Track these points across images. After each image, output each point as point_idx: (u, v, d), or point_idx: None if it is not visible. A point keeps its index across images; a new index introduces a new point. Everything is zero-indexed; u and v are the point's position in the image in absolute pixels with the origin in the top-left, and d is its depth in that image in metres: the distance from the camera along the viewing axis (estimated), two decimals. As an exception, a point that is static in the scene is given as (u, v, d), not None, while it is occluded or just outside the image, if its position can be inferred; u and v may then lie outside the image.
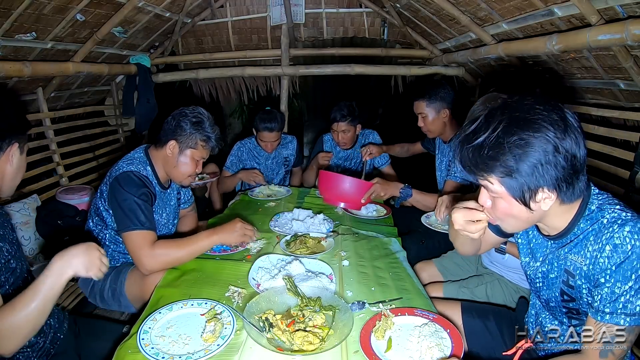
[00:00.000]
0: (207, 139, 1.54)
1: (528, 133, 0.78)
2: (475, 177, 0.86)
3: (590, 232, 0.87)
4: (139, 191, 1.43)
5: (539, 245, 1.01)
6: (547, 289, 1.00)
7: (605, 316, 0.84)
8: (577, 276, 0.90)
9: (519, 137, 0.79)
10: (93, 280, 1.56)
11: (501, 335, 1.24)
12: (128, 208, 1.39)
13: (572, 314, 0.97)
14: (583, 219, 0.89)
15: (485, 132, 0.81)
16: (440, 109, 2.02)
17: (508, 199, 0.85)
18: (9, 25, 1.92)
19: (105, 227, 1.56)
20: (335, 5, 3.46)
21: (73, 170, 2.76)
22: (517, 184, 0.82)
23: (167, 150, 1.53)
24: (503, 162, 0.80)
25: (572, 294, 0.93)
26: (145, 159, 1.57)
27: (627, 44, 1.50)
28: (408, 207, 2.12)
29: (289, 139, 2.76)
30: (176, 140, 1.52)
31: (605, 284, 0.83)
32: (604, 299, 0.84)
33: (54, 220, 2.13)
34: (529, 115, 0.80)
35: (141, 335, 1.00)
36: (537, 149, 0.78)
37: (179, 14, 3.14)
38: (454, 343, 0.99)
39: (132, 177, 1.45)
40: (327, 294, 1.19)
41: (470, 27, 2.44)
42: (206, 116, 1.56)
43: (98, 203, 1.55)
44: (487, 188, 0.87)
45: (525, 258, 1.07)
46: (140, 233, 1.37)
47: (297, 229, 1.72)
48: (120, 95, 3.38)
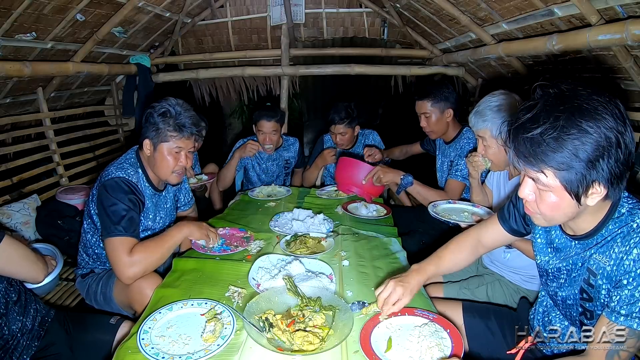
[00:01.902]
0: (178, 128, 1.44)
1: (590, 124, 0.74)
2: (530, 167, 0.81)
3: (618, 234, 0.85)
4: (125, 197, 1.40)
5: (562, 244, 0.99)
6: (569, 286, 0.98)
7: (620, 317, 0.82)
8: (598, 275, 0.89)
9: (581, 128, 0.75)
10: (88, 283, 1.56)
11: (503, 335, 1.24)
12: (112, 213, 1.36)
13: (586, 317, 0.96)
14: (612, 221, 0.87)
15: (546, 121, 0.77)
16: (444, 109, 2.02)
17: (560, 193, 0.82)
18: (9, 25, 1.92)
19: (96, 231, 1.54)
20: (335, 5, 3.46)
21: (73, 170, 2.76)
22: (575, 177, 0.78)
23: (145, 150, 1.50)
24: (563, 154, 0.76)
25: (591, 292, 0.92)
26: (136, 161, 1.54)
27: (627, 44, 1.50)
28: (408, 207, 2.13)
29: (292, 141, 2.75)
30: (148, 138, 1.47)
31: (627, 285, 0.82)
32: (622, 300, 0.83)
33: (54, 220, 2.13)
34: (589, 106, 0.76)
35: (141, 335, 1.00)
36: (599, 142, 0.75)
37: (179, 14, 3.14)
38: (454, 343, 0.99)
39: (120, 183, 1.42)
40: (327, 294, 1.19)
41: (470, 27, 2.44)
42: (173, 104, 1.46)
43: (90, 206, 1.53)
44: (538, 180, 0.83)
45: (544, 257, 1.05)
46: (119, 240, 1.33)
47: (297, 229, 1.72)
48: (120, 95, 3.38)
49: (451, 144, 2.09)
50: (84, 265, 1.62)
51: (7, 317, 1.08)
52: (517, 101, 1.46)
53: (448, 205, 1.78)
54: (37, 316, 1.18)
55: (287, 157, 2.72)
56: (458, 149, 2.03)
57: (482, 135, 1.50)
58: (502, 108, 1.44)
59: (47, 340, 1.18)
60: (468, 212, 1.66)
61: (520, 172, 0.88)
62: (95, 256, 1.59)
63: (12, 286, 1.12)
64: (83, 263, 1.62)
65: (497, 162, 1.53)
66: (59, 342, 1.20)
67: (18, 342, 1.10)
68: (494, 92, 1.50)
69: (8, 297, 1.10)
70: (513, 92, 1.49)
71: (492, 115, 1.45)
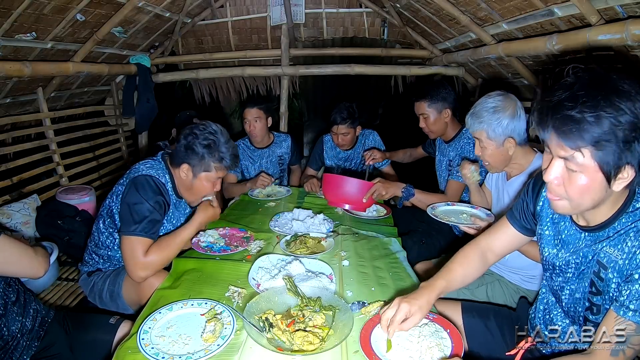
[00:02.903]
0: (221, 160, 1.49)
1: (628, 105, 0.76)
2: (569, 144, 0.81)
3: (632, 228, 0.86)
4: (153, 198, 1.41)
5: (570, 236, 0.99)
6: (578, 280, 0.98)
7: (629, 312, 0.82)
8: (609, 269, 0.88)
9: (619, 107, 0.76)
10: (93, 281, 1.56)
11: (502, 335, 1.24)
12: (136, 212, 1.37)
13: (592, 311, 0.95)
14: (626, 214, 0.87)
15: (586, 100, 0.78)
16: (441, 109, 2.02)
17: (592, 174, 0.81)
18: (9, 25, 1.92)
19: (115, 230, 1.52)
20: (335, 5, 3.46)
21: (73, 170, 2.76)
22: (612, 157, 0.78)
23: (181, 172, 1.50)
24: (603, 131, 0.77)
25: (600, 286, 0.91)
26: (164, 168, 1.53)
27: (627, 44, 1.50)
28: (408, 207, 2.13)
29: (283, 137, 2.74)
30: (189, 164, 1.48)
31: (638, 280, 0.82)
32: (632, 295, 0.82)
33: (54, 220, 2.13)
34: (624, 88, 0.77)
35: (141, 335, 1.00)
36: (636, 122, 0.76)
37: (179, 14, 3.14)
38: (454, 343, 0.99)
39: (150, 181, 1.43)
40: (327, 294, 1.19)
41: (470, 27, 2.44)
42: (218, 135, 1.49)
43: (112, 204, 1.51)
44: (573, 160, 0.82)
45: (552, 249, 1.04)
46: (138, 240, 1.35)
47: (297, 229, 1.72)
48: (120, 95, 3.38)
49: (450, 143, 2.10)
50: (92, 264, 1.60)
51: (6, 318, 1.07)
52: (514, 102, 1.45)
53: (447, 207, 1.78)
54: (36, 316, 1.18)
55: (279, 153, 2.70)
56: (458, 149, 2.03)
57: (479, 137, 1.50)
58: (498, 109, 1.44)
59: (47, 341, 1.18)
60: (467, 214, 1.66)
61: (547, 154, 0.88)
62: (107, 257, 1.58)
63: (10, 286, 1.12)
64: (91, 262, 1.60)
65: (494, 163, 1.52)
66: (59, 342, 1.20)
67: (18, 342, 1.10)
68: (490, 93, 1.50)
69: (7, 297, 1.09)
70: (510, 92, 1.49)
71: (488, 116, 1.44)
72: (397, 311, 0.98)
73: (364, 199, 1.96)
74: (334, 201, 2.08)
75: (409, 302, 1.00)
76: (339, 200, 2.06)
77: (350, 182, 2.00)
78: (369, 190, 1.94)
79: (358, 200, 1.99)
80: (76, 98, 3.07)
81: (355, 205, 2.03)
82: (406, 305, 0.99)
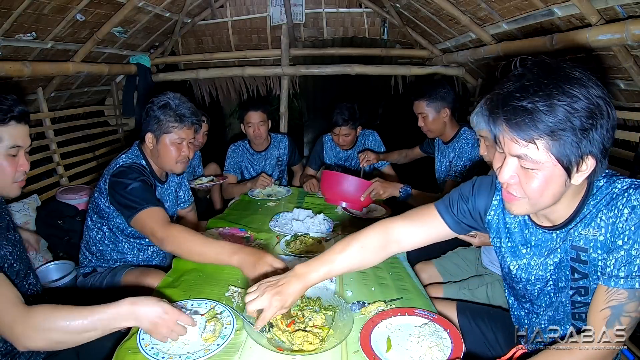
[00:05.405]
0: (179, 119, 1.52)
1: (581, 91, 0.72)
2: (521, 136, 0.76)
3: (601, 203, 0.83)
4: (139, 177, 1.44)
5: (540, 240, 0.94)
6: (558, 272, 0.93)
7: (620, 280, 0.79)
8: (590, 249, 0.85)
9: (572, 94, 0.72)
10: (91, 282, 1.56)
11: (495, 337, 1.24)
12: (131, 193, 1.39)
13: (580, 294, 0.91)
14: (592, 197, 0.85)
15: (537, 90, 0.74)
16: (440, 108, 2.02)
17: (550, 169, 0.77)
18: (9, 25, 1.92)
19: (103, 225, 1.55)
20: (335, 5, 3.46)
21: (73, 170, 2.76)
22: (569, 148, 0.74)
23: (147, 143, 1.56)
24: (557, 120, 0.73)
25: (585, 269, 0.87)
26: (139, 153, 1.59)
27: (627, 44, 1.50)
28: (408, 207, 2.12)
29: (280, 138, 2.73)
30: (150, 131, 1.53)
31: (622, 246, 0.79)
32: (619, 261, 0.79)
33: (54, 220, 2.13)
34: (575, 75, 0.74)
35: (141, 335, 1.00)
36: (591, 108, 0.73)
37: (179, 14, 3.14)
38: (454, 343, 0.99)
39: (129, 168, 1.46)
40: (327, 294, 1.19)
41: (470, 27, 2.44)
42: (171, 97, 1.54)
43: (98, 200, 1.54)
44: (526, 157, 0.77)
45: (521, 261, 0.98)
46: (148, 211, 1.35)
47: (297, 229, 1.72)
48: (120, 95, 3.38)
49: (449, 144, 2.10)
50: (86, 264, 1.62)
51: None
52: None
53: None
54: None
55: (277, 154, 2.70)
56: (457, 150, 2.03)
57: (485, 136, 1.50)
58: None
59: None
60: None
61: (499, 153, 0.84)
62: (98, 253, 1.59)
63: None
64: (86, 262, 1.63)
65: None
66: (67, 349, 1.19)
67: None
68: None
69: None
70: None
71: None
72: (267, 308, 0.95)
73: (361, 197, 1.96)
74: (332, 198, 2.08)
75: (279, 299, 0.95)
76: (337, 198, 2.05)
77: (348, 179, 2.00)
78: (367, 189, 1.94)
79: (356, 199, 1.99)
80: (76, 98, 3.07)
81: (352, 203, 2.02)
82: (278, 303, 0.95)
